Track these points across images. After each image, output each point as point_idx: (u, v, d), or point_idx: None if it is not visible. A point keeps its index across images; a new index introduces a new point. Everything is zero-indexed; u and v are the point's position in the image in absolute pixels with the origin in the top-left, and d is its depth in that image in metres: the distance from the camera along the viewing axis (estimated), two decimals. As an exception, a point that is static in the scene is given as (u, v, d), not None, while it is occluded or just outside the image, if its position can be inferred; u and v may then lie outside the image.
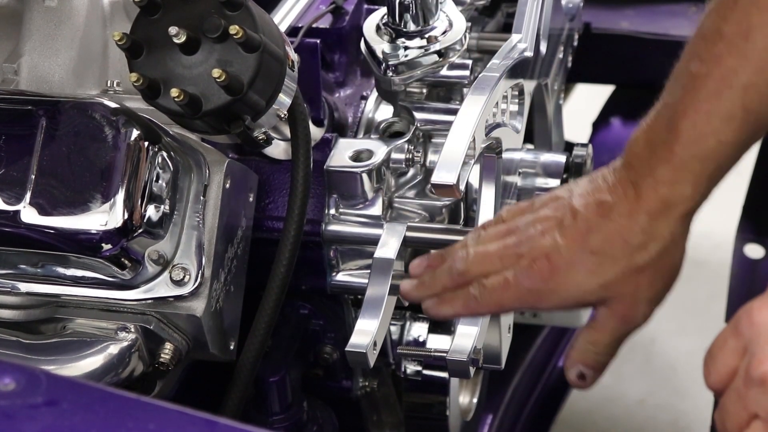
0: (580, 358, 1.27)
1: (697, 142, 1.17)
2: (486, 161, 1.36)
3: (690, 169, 1.17)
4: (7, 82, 1.33)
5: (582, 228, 1.20)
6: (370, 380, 1.53)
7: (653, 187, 1.18)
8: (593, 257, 1.20)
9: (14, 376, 0.95)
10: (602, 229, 1.20)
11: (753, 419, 0.99)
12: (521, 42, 1.46)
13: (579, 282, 1.20)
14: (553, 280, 1.21)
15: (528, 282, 1.22)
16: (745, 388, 0.99)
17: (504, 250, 1.23)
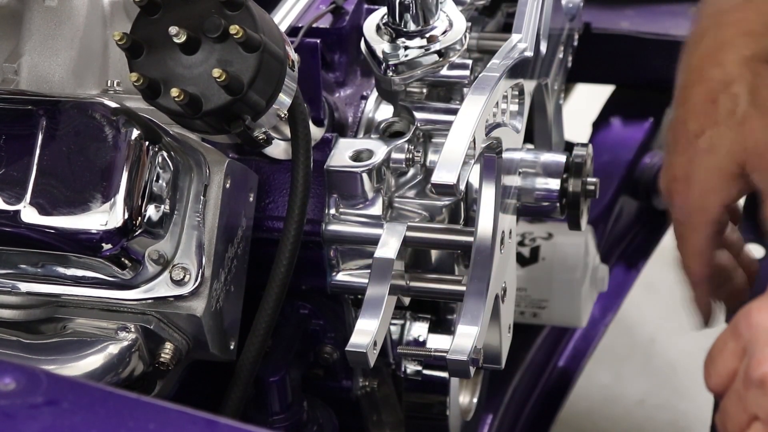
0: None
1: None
2: (486, 161, 1.36)
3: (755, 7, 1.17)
4: (7, 82, 1.33)
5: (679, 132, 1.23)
6: (370, 380, 1.53)
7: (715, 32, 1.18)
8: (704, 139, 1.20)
9: (14, 375, 0.95)
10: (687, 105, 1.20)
11: (753, 421, 0.99)
12: (521, 42, 1.46)
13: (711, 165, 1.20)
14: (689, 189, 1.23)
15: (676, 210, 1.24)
16: (745, 390, 0.99)
17: None
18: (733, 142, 1.18)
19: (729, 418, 1.01)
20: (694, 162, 1.21)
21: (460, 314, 1.31)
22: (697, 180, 1.21)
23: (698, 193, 1.22)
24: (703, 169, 1.20)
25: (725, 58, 1.17)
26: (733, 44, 1.17)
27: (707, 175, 1.20)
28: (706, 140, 1.19)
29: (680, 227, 1.25)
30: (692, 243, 1.24)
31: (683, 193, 1.23)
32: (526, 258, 1.85)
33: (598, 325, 2.05)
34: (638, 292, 2.37)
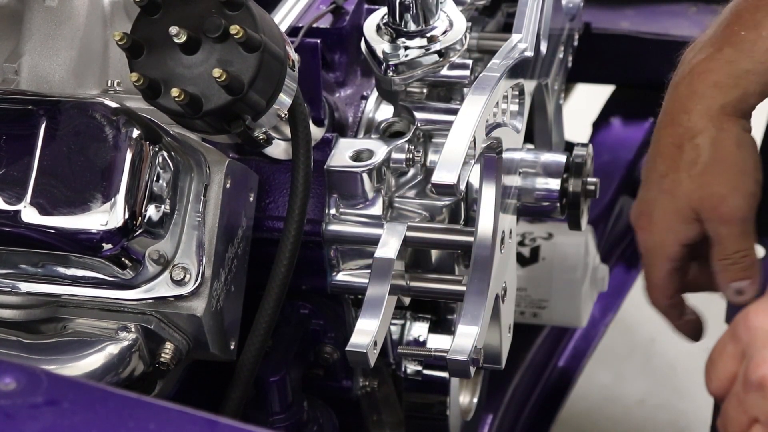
0: (727, 277, 1.27)
1: (738, 34, 1.20)
2: (486, 161, 1.36)
3: (725, 58, 1.20)
4: (7, 82, 1.33)
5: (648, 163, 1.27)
6: (371, 380, 1.53)
7: (689, 83, 1.22)
8: (665, 183, 1.24)
9: (15, 375, 0.95)
10: (657, 151, 1.25)
11: (753, 423, 1.00)
12: (521, 42, 1.46)
13: (666, 211, 1.25)
14: (649, 226, 1.28)
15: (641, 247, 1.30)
16: (745, 393, 0.99)
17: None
18: (691, 189, 1.24)
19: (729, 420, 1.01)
20: (657, 201, 1.28)
21: (460, 314, 1.31)
22: (657, 218, 1.28)
23: (657, 230, 1.29)
24: (662, 210, 1.27)
25: (693, 108, 1.22)
26: (703, 95, 1.22)
27: (666, 215, 1.27)
28: (669, 183, 1.25)
29: (644, 259, 1.34)
30: (653, 276, 1.30)
31: (646, 229, 1.30)
32: (526, 258, 1.85)
33: (598, 325, 2.05)
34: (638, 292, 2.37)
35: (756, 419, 0.98)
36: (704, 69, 1.22)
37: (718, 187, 1.22)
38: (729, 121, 1.21)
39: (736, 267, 1.25)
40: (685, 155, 1.22)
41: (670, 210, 1.25)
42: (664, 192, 1.25)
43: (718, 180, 1.22)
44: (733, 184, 1.22)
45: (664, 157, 1.25)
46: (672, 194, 1.24)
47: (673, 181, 1.24)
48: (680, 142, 1.23)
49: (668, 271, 1.30)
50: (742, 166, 1.22)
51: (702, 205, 1.23)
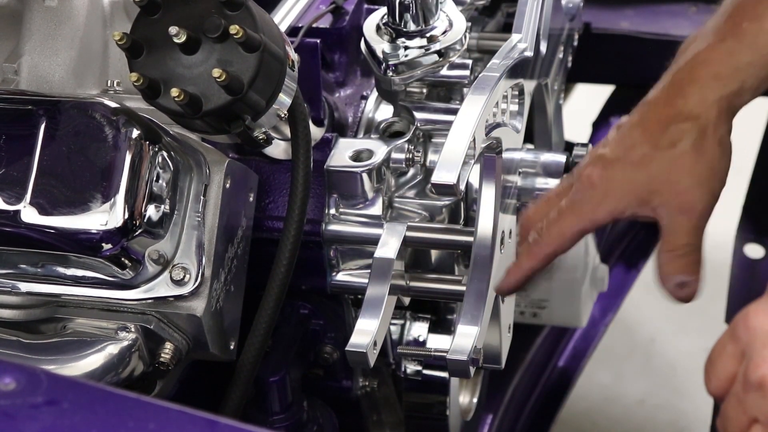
0: (670, 269, 1.25)
1: (740, 25, 1.19)
2: (486, 161, 1.36)
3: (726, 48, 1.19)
4: (7, 81, 1.33)
5: (625, 131, 1.23)
6: (370, 380, 1.53)
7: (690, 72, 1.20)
8: (635, 152, 1.21)
9: (15, 375, 0.95)
10: (642, 125, 1.22)
11: (753, 423, 0.99)
12: (521, 42, 1.46)
13: (627, 179, 1.21)
14: (602, 185, 1.22)
15: (579, 195, 1.23)
16: (744, 393, 0.99)
17: (556, 190, 1.26)
18: (659, 170, 1.22)
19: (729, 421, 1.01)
20: (618, 165, 1.24)
21: (460, 314, 1.31)
22: (610, 180, 1.24)
23: (603, 189, 1.24)
24: (620, 176, 1.23)
25: (691, 94, 1.22)
26: (703, 84, 1.21)
27: (621, 182, 1.23)
28: (638, 155, 1.23)
29: (571, 204, 1.26)
30: (563, 225, 1.26)
31: (593, 180, 1.24)
32: (526, 258, 1.84)
33: (598, 325, 2.05)
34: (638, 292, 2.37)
35: (756, 419, 0.98)
36: (705, 58, 1.21)
37: (687, 176, 1.20)
38: (720, 118, 1.21)
39: (683, 260, 1.24)
40: (667, 135, 1.20)
41: (627, 179, 1.22)
42: (630, 162, 1.22)
43: (689, 169, 1.21)
44: (702, 178, 1.21)
45: (644, 130, 1.22)
46: (637, 167, 1.21)
47: (644, 155, 1.21)
48: (667, 122, 1.21)
49: (582, 229, 1.25)
50: (716, 164, 1.21)
51: (665, 188, 1.21)
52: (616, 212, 1.24)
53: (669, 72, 1.25)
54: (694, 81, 1.21)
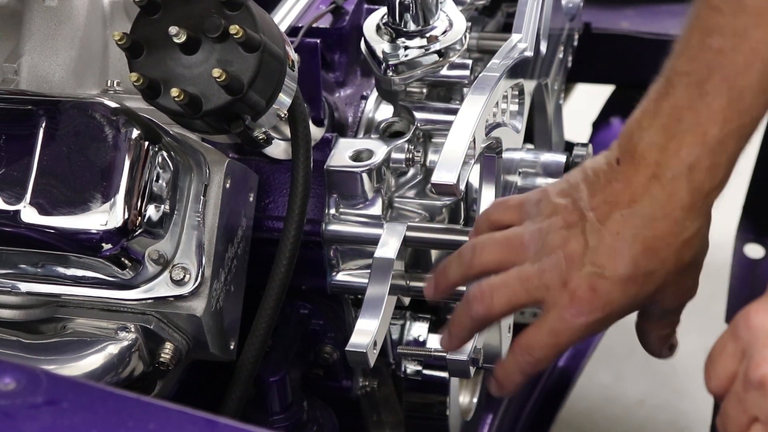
0: (667, 340, 1.27)
1: (734, 120, 1.12)
2: (486, 161, 1.36)
3: (726, 149, 1.13)
4: (7, 81, 1.33)
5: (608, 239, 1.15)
6: (370, 380, 1.53)
7: (686, 177, 1.13)
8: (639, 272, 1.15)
9: (14, 375, 0.95)
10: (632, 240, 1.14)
11: (753, 422, 0.99)
12: (521, 42, 1.46)
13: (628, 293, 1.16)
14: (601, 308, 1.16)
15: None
16: (745, 392, 0.99)
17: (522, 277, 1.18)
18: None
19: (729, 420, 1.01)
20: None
21: (460, 314, 1.31)
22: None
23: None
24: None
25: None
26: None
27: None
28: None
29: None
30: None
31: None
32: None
33: (598, 325, 2.05)
34: (638, 292, 2.36)
35: (756, 418, 0.98)
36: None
37: (686, 278, 1.21)
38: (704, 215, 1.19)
39: (672, 333, 1.27)
40: (679, 244, 1.17)
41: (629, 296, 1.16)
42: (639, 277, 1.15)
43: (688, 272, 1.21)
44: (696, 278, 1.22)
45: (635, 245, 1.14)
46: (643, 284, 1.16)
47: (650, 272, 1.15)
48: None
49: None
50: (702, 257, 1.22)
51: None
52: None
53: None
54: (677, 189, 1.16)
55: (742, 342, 1.00)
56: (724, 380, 1.02)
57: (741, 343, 1.00)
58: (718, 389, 1.03)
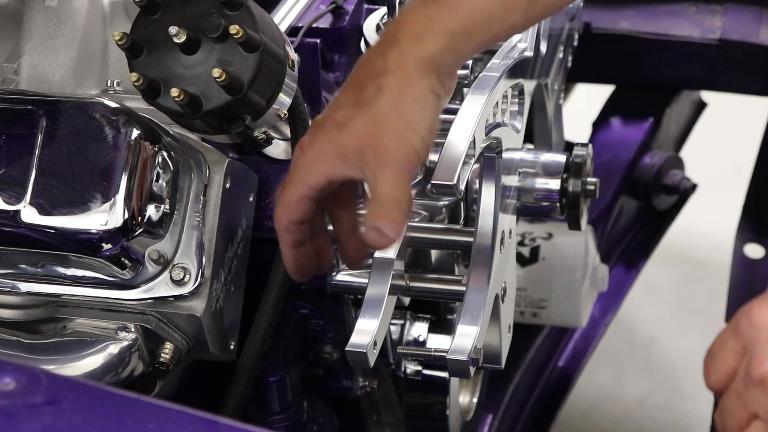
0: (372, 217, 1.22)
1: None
2: (486, 161, 1.36)
3: (430, 14, 1.20)
4: (7, 81, 1.33)
5: (338, 96, 1.23)
6: (370, 380, 1.53)
7: (394, 30, 1.21)
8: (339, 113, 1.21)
9: (14, 375, 0.95)
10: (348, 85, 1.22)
11: (753, 419, 0.99)
12: (521, 42, 1.46)
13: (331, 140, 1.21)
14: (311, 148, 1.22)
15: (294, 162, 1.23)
16: (745, 388, 0.99)
17: None
18: (360, 128, 1.21)
19: (729, 416, 1.01)
20: (324, 130, 1.23)
21: (460, 314, 1.31)
22: (317, 145, 1.23)
23: (312, 156, 1.23)
24: (326, 139, 1.23)
25: (389, 53, 1.22)
26: (400, 43, 1.22)
27: (327, 146, 1.23)
28: (342, 116, 1.22)
29: (288, 176, 1.26)
30: (286, 193, 1.25)
31: (303, 148, 1.24)
32: (526, 258, 1.85)
33: (598, 325, 2.05)
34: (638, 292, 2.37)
35: (756, 415, 0.98)
36: (407, 20, 1.23)
37: (384, 132, 1.20)
38: (418, 75, 1.20)
39: (383, 210, 1.21)
40: (366, 93, 1.20)
41: (333, 142, 1.22)
42: (335, 124, 1.22)
43: (385, 126, 1.20)
44: (398, 134, 1.20)
45: (347, 91, 1.23)
46: (341, 128, 1.21)
47: (346, 116, 1.21)
48: (366, 81, 1.21)
49: (302, 195, 1.24)
50: (411, 119, 1.20)
51: (365, 146, 1.21)
52: (328, 175, 1.23)
53: (381, 36, 1.25)
54: (393, 41, 1.21)
55: (743, 338, 1.00)
56: (723, 376, 1.02)
57: (742, 339, 1.00)
58: (718, 385, 1.03)
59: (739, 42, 2.04)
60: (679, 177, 2.16)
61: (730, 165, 2.87)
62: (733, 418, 1.00)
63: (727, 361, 1.01)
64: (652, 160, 2.13)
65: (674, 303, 2.70)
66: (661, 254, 2.31)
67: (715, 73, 2.07)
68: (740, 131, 2.77)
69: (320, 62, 1.40)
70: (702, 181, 2.23)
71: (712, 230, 2.73)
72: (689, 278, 2.73)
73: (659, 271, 2.63)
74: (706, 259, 2.73)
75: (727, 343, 1.02)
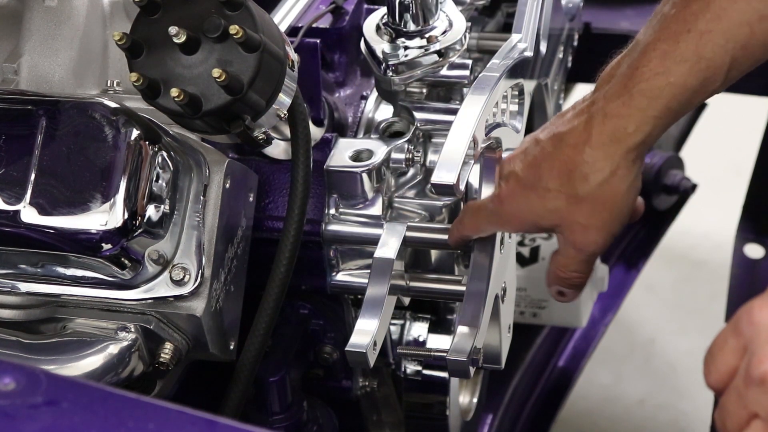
0: (555, 281, 1.33)
1: (649, 80, 1.21)
2: (486, 161, 1.36)
3: (637, 105, 1.21)
4: (7, 81, 1.33)
5: (538, 156, 1.26)
6: (370, 380, 1.53)
7: (602, 120, 1.22)
8: (542, 184, 1.25)
9: (14, 375, 0.95)
10: (552, 158, 1.25)
11: (753, 418, 0.99)
12: (521, 42, 1.46)
13: (532, 207, 1.26)
14: (509, 204, 1.28)
15: (492, 205, 1.30)
16: (745, 388, 0.99)
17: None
18: (560, 208, 1.25)
19: (728, 415, 1.01)
20: (522, 192, 1.28)
21: (460, 314, 1.31)
22: (518, 201, 1.28)
23: (509, 209, 1.29)
24: (526, 201, 1.28)
25: (597, 144, 1.23)
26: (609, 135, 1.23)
27: (528, 206, 1.28)
28: (544, 188, 1.25)
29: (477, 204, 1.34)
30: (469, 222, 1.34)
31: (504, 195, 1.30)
32: (526, 258, 1.85)
33: (598, 325, 2.05)
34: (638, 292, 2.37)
35: (756, 414, 0.98)
36: (611, 108, 1.23)
37: (586, 219, 1.25)
38: (626, 168, 1.23)
39: (568, 281, 1.31)
40: (573, 180, 1.24)
41: (531, 208, 1.27)
42: (536, 192, 1.26)
43: (589, 214, 1.25)
44: (602, 222, 1.25)
45: (552, 166, 1.25)
46: (542, 199, 1.25)
47: (549, 190, 1.25)
48: (575, 166, 1.24)
49: (481, 233, 1.34)
50: (620, 209, 1.25)
51: (564, 225, 1.26)
52: (516, 230, 1.38)
53: (580, 110, 1.26)
54: (601, 133, 1.23)
55: (743, 338, 1.00)
56: (724, 375, 1.02)
57: (743, 338, 1.00)
58: (718, 384, 1.03)
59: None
60: (679, 177, 2.16)
61: (730, 165, 2.87)
62: (733, 418, 1.00)
63: (727, 361, 1.01)
64: (651, 160, 2.13)
65: (674, 303, 2.70)
66: (661, 254, 2.31)
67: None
68: (740, 131, 2.77)
69: (320, 62, 1.40)
70: (702, 181, 2.23)
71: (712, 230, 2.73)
72: (689, 278, 2.73)
73: (659, 271, 2.63)
74: (706, 259, 2.73)
75: (727, 342, 1.02)
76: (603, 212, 1.25)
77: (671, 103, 1.21)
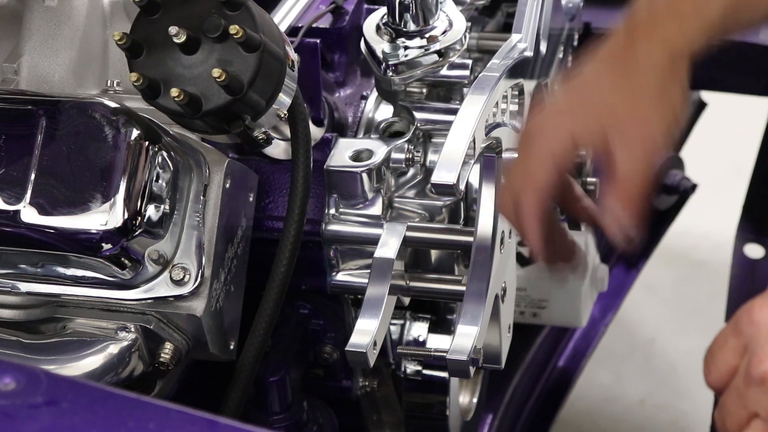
0: (621, 200, 1.24)
1: None
2: (486, 161, 1.36)
3: (683, 12, 1.18)
4: (7, 81, 1.33)
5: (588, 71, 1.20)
6: (370, 380, 1.53)
7: (649, 26, 1.18)
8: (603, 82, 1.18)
9: (14, 375, 0.95)
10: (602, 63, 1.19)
11: (753, 418, 0.99)
12: (521, 42, 1.46)
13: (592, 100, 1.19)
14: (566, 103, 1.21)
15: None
16: (745, 387, 0.99)
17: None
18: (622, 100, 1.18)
19: (728, 414, 1.01)
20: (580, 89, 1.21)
21: (460, 314, 1.31)
22: (572, 103, 1.21)
23: (555, 113, 1.21)
24: (580, 100, 1.20)
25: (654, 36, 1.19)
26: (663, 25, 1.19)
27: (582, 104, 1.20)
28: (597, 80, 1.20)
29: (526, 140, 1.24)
30: (532, 154, 1.21)
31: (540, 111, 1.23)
32: (526, 258, 1.85)
33: (598, 325, 2.05)
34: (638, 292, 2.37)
35: (756, 414, 0.98)
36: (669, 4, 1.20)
37: (648, 110, 1.18)
38: (682, 64, 1.19)
39: (632, 199, 1.21)
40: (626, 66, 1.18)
41: (585, 101, 1.19)
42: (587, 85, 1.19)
43: (651, 104, 1.18)
44: (660, 114, 1.18)
45: (603, 64, 1.19)
46: (595, 92, 1.19)
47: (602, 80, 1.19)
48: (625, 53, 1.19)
49: (545, 157, 1.21)
50: (674, 103, 1.19)
51: (626, 116, 1.18)
52: (575, 132, 1.20)
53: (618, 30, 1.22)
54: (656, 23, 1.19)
55: (744, 337, 1.00)
56: (724, 374, 1.02)
57: (743, 338, 1.00)
58: (718, 383, 1.03)
59: (739, 42, 2.04)
60: (679, 177, 2.16)
61: (730, 165, 2.87)
62: (733, 417, 1.01)
63: (727, 360, 1.01)
64: (652, 160, 2.13)
65: (674, 303, 2.70)
66: (661, 254, 2.31)
67: (715, 73, 2.07)
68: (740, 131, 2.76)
69: (320, 62, 1.40)
70: (702, 181, 2.23)
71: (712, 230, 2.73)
72: (689, 278, 2.74)
73: (659, 271, 2.63)
74: (706, 259, 2.73)
75: (727, 341, 1.02)
76: (664, 108, 1.18)
77: (716, 19, 1.19)
